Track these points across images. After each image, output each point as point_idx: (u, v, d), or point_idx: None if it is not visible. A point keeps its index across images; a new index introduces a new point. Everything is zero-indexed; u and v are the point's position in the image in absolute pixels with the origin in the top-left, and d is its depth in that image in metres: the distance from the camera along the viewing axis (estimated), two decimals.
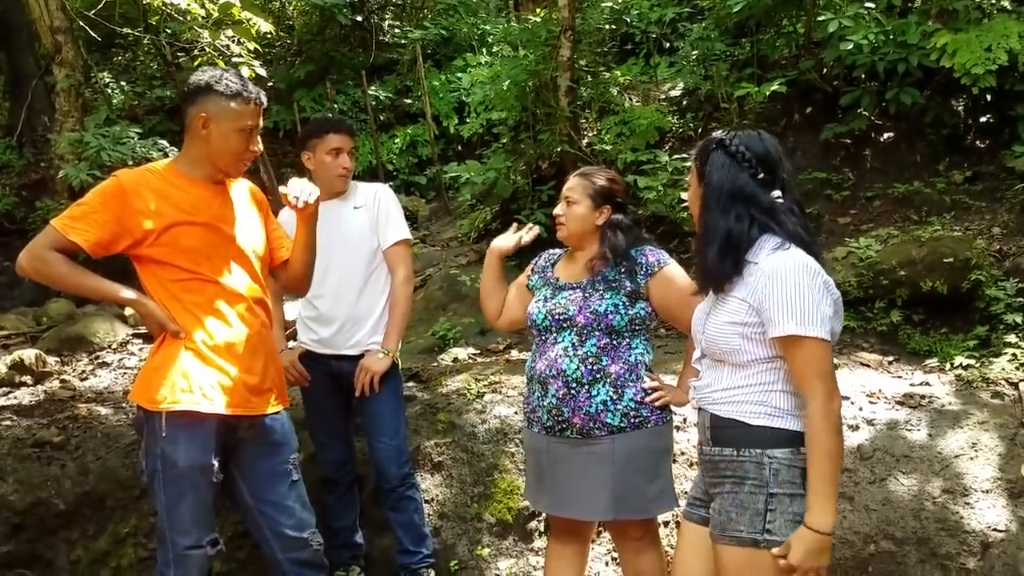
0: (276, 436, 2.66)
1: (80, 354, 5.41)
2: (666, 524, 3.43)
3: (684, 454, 3.68)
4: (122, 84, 11.44)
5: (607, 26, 8.43)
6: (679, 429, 3.70)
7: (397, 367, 3.38)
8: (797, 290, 2.02)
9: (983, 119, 6.32)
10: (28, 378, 4.66)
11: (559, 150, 6.91)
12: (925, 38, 5.81)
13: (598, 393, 2.64)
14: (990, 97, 5.98)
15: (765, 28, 7.41)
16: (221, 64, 6.92)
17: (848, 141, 6.54)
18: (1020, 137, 5.86)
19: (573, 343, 2.68)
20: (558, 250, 3.01)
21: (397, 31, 12.38)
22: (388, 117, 11.41)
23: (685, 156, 6.46)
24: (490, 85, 7.78)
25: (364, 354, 3.27)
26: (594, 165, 4.41)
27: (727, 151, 2.15)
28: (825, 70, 6.74)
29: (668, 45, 8.83)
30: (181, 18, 8.01)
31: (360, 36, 12.19)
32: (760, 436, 2.08)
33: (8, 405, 4.12)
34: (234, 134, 2.54)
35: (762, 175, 2.14)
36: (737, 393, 2.12)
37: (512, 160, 7.30)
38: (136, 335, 5.79)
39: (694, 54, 7.70)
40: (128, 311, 5.97)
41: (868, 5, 6.23)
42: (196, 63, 8.30)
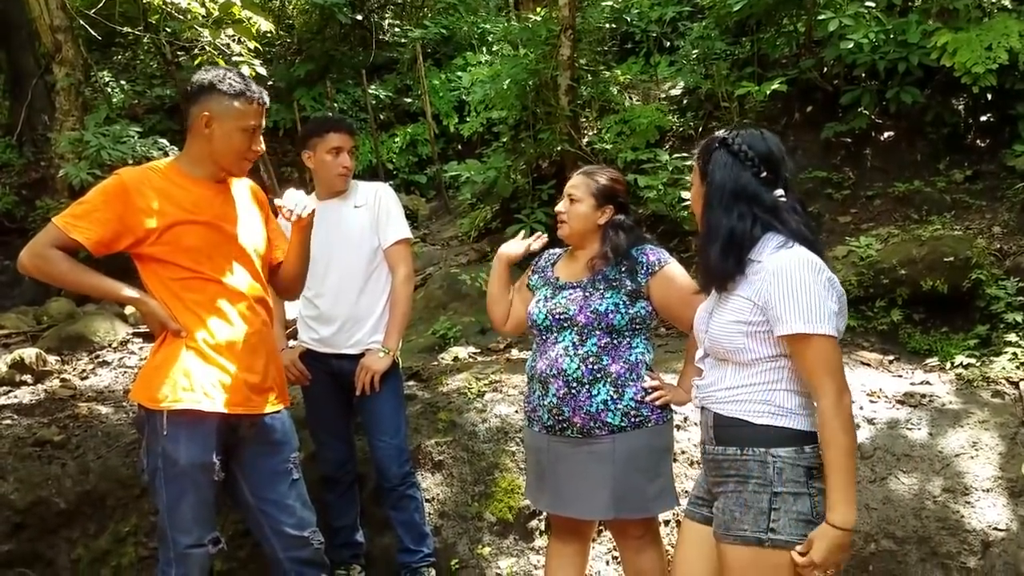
0: (277, 435, 2.66)
1: (80, 353, 5.41)
2: (667, 523, 3.43)
3: (685, 453, 3.68)
4: (122, 83, 11.44)
5: (607, 25, 8.42)
6: (680, 428, 3.71)
7: (398, 366, 3.38)
8: (803, 288, 2.01)
9: (983, 118, 6.32)
10: (28, 377, 4.67)
11: (559, 149, 6.90)
12: (925, 37, 5.80)
13: (599, 392, 2.64)
14: (990, 96, 5.98)
15: (765, 27, 7.40)
16: (221, 63, 6.91)
17: (848, 140, 6.53)
18: (1020, 136, 5.86)
19: (574, 342, 2.68)
20: (558, 249, 3.00)
21: (397, 30, 12.38)
22: (388, 116, 11.41)
23: (685, 155, 6.45)
24: (490, 84, 7.77)
25: (365, 353, 3.27)
26: (595, 164, 4.41)
27: (730, 150, 2.15)
28: (825, 69, 6.73)
29: (668, 44, 8.82)
30: (181, 17, 8.01)
31: (360, 35, 12.19)
32: (764, 435, 2.07)
33: (9, 404, 4.12)
34: (237, 133, 2.53)
35: (765, 174, 2.13)
36: (741, 392, 2.12)
37: (512, 159, 7.30)
38: (136, 334, 5.79)
39: (694, 53, 7.70)
40: (129, 310, 5.97)
41: (868, 4, 6.22)
42: (196, 62, 8.30)
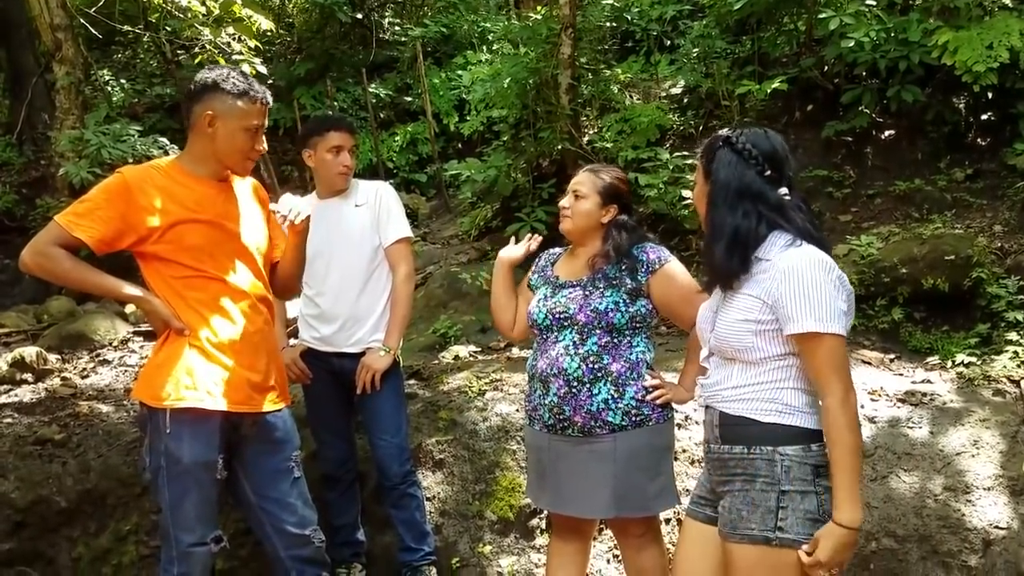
0: (279, 433, 2.66)
1: (81, 352, 5.42)
2: (667, 522, 3.43)
3: (686, 452, 3.68)
4: (122, 82, 11.45)
5: (608, 23, 8.42)
6: (680, 427, 3.71)
7: (398, 365, 3.37)
8: (815, 286, 2.01)
9: (984, 117, 6.32)
10: (29, 376, 4.67)
11: (560, 148, 6.90)
12: (926, 36, 5.80)
13: (599, 391, 2.63)
14: (991, 95, 5.98)
15: (766, 26, 7.40)
16: (222, 62, 6.91)
17: (849, 139, 6.53)
18: (1021, 135, 5.86)
19: (574, 341, 2.67)
20: (558, 249, 3.00)
21: (397, 28, 12.38)
22: (388, 115, 11.41)
23: (686, 154, 6.45)
24: (491, 83, 7.77)
25: (365, 352, 3.26)
26: (596, 163, 4.41)
27: (734, 148, 2.14)
28: (826, 68, 6.73)
29: (669, 43, 8.82)
30: (181, 15, 8.01)
31: (360, 34, 12.19)
32: (771, 433, 2.07)
33: (9, 403, 4.11)
34: (240, 133, 2.53)
35: (769, 172, 2.13)
36: (748, 391, 2.11)
37: (513, 158, 7.30)
38: (137, 333, 5.79)
39: (695, 52, 7.70)
40: (130, 308, 5.97)
41: (869, 2, 6.22)
42: (196, 61, 8.31)
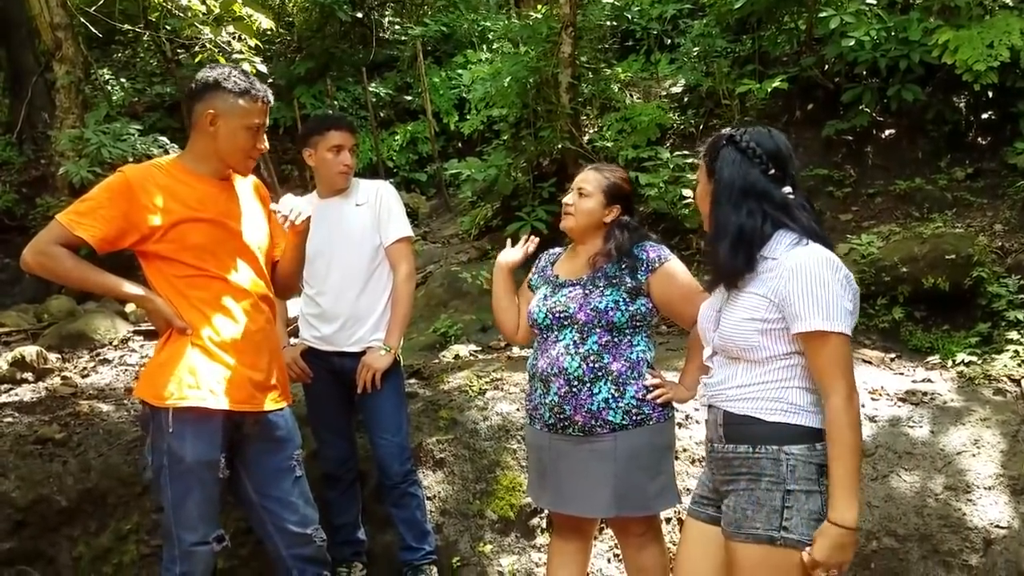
0: (281, 432, 2.66)
1: (81, 351, 5.41)
2: (668, 521, 3.43)
3: (686, 451, 3.68)
4: (122, 81, 11.46)
5: (608, 22, 8.42)
6: (681, 426, 3.71)
7: (399, 364, 3.37)
8: (822, 285, 2.00)
9: (985, 116, 6.33)
10: (29, 375, 4.66)
11: (560, 147, 6.90)
12: (927, 35, 5.81)
13: (600, 391, 2.63)
14: (992, 94, 5.99)
15: (766, 24, 7.40)
16: (222, 60, 6.91)
17: (850, 138, 6.53)
18: (1022, 134, 5.86)
19: (574, 341, 2.67)
20: (558, 249, 3.00)
21: (397, 27, 12.38)
22: (388, 114, 11.41)
23: (686, 153, 6.45)
24: (491, 82, 7.77)
25: (366, 351, 3.26)
26: (596, 162, 4.41)
27: (738, 147, 2.14)
28: (827, 67, 6.74)
29: (669, 42, 8.83)
30: (181, 14, 8.01)
31: (360, 32, 12.19)
32: (777, 432, 2.07)
33: (10, 402, 4.11)
34: (242, 131, 2.53)
35: (773, 171, 2.12)
36: (753, 390, 2.11)
37: (513, 157, 7.30)
38: (137, 332, 5.79)
39: (695, 51, 7.70)
40: (130, 307, 5.96)
41: (870, 1, 6.23)
42: (196, 60, 8.30)
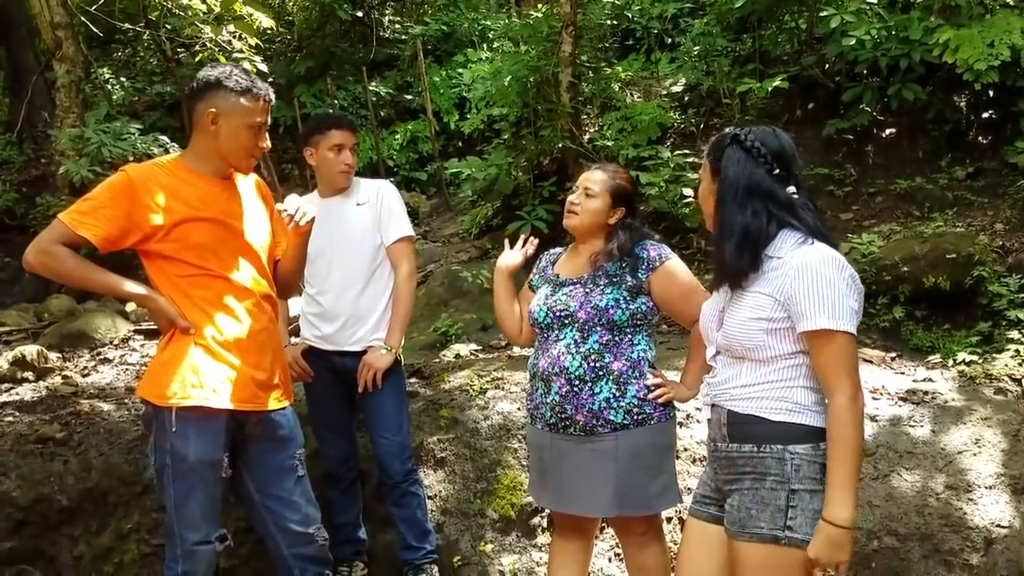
0: (283, 431, 2.66)
1: (82, 350, 5.41)
2: (669, 520, 3.43)
3: (687, 450, 3.68)
4: (122, 80, 11.47)
5: (608, 21, 8.42)
6: (682, 425, 3.70)
7: (400, 363, 3.37)
8: (828, 284, 2.00)
9: (985, 115, 6.33)
10: (30, 374, 4.66)
11: (560, 146, 6.90)
12: (927, 34, 5.81)
13: (601, 390, 2.63)
14: (992, 93, 5.99)
15: (767, 24, 7.40)
16: (222, 60, 6.91)
17: (850, 137, 6.53)
18: (1022, 133, 5.86)
19: (575, 340, 2.67)
20: (559, 249, 3.00)
21: (397, 27, 12.38)
22: (388, 113, 11.42)
23: (687, 152, 6.45)
24: (491, 81, 7.77)
25: (367, 350, 3.26)
26: (597, 161, 4.41)
27: (742, 146, 2.14)
28: (827, 66, 6.74)
29: (669, 41, 8.83)
30: (182, 13, 8.01)
31: (360, 32, 12.19)
32: (782, 432, 2.07)
33: (10, 401, 4.11)
34: (243, 130, 2.53)
35: (777, 171, 2.12)
36: (757, 389, 2.11)
37: (513, 156, 7.30)
38: (137, 331, 5.78)
39: (695, 50, 7.70)
40: (130, 306, 5.96)
41: (870, 0, 6.22)
42: (197, 59, 8.30)
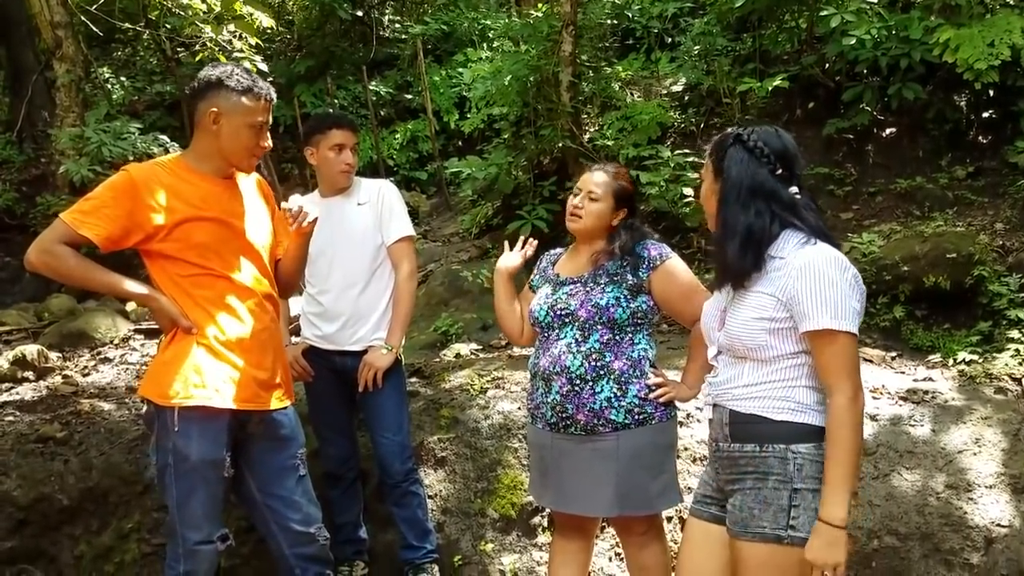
0: (285, 431, 2.66)
1: (82, 349, 5.41)
2: (669, 520, 3.44)
3: (688, 450, 3.69)
4: (122, 79, 11.47)
5: (608, 21, 8.43)
6: (682, 425, 3.70)
7: (400, 363, 3.37)
8: (831, 284, 2.01)
9: (985, 114, 6.33)
10: (30, 374, 4.67)
11: (561, 145, 6.90)
12: (928, 33, 5.81)
13: (602, 390, 2.63)
14: (992, 92, 5.99)
15: (767, 23, 7.40)
16: (223, 59, 6.91)
17: (850, 136, 6.53)
18: (1022, 132, 5.86)
19: (576, 339, 2.67)
20: (559, 249, 3.00)
21: (397, 26, 12.38)
22: (388, 112, 11.41)
23: (687, 151, 6.45)
24: (491, 80, 7.77)
25: (368, 350, 3.26)
26: (597, 161, 4.41)
27: (745, 146, 2.14)
28: (827, 65, 6.74)
29: (669, 40, 8.83)
30: (182, 13, 8.01)
31: (360, 31, 12.18)
32: (784, 431, 2.07)
33: (10, 401, 4.11)
34: (245, 129, 2.53)
35: (780, 171, 2.13)
36: (760, 389, 2.11)
37: (513, 156, 7.30)
38: (137, 330, 5.78)
39: (696, 49, 7.69)
40: (130, 306, 5.96)
41: (870, 0, 6.22)
42: (197, 58, 8.30)
